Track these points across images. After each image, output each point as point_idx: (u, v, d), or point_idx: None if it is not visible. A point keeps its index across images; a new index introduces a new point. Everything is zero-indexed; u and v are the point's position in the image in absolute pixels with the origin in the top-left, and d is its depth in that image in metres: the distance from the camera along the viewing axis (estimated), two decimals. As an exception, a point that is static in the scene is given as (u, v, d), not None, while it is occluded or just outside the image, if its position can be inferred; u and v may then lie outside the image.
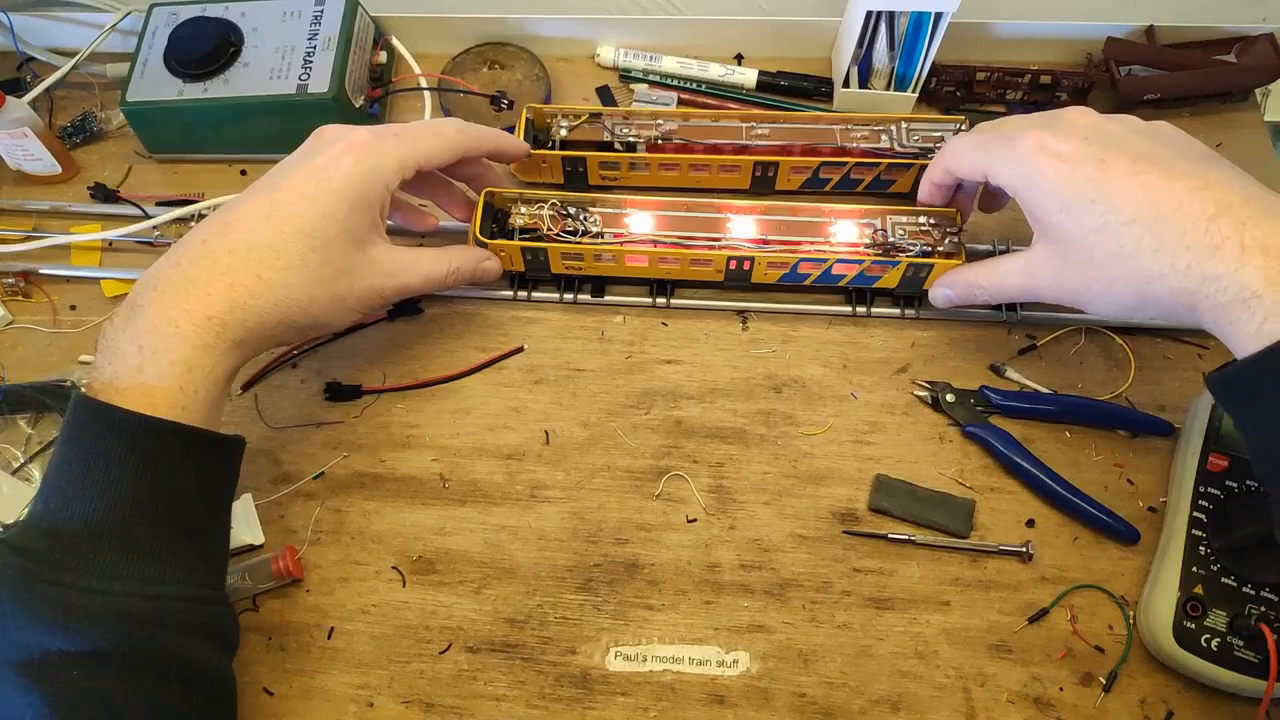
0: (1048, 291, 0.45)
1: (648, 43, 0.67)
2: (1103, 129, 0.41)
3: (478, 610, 0.49)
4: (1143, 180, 0.39)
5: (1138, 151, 0.40)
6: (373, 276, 0.47)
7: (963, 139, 0.48)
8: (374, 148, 0.46)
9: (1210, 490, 0.48)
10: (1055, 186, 0.41)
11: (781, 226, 0.54)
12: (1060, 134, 0.42)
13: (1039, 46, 0.66)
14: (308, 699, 0.47)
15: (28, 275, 0.59)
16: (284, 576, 0.49)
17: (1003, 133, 0.45)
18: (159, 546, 0.38)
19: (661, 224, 0.54)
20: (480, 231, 0.52)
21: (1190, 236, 0.37)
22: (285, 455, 0.53)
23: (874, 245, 0.53)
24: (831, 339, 0.57)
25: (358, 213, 0.45)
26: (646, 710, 0.47)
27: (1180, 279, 0.37)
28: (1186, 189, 0.37)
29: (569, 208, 0.54)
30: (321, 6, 0.61)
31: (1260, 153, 0.64)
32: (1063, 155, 0.41)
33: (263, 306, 0.42)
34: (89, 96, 0.66)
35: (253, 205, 0.44)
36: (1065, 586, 0.49)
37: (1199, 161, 0.39)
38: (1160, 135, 0.41)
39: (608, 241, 0.53)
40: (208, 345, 0.41)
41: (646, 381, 0.56)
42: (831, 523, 0.51)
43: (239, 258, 0.42)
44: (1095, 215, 0.40)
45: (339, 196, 0.44)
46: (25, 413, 0.54)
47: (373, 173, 0.45)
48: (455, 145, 0.49)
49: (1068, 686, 0.47)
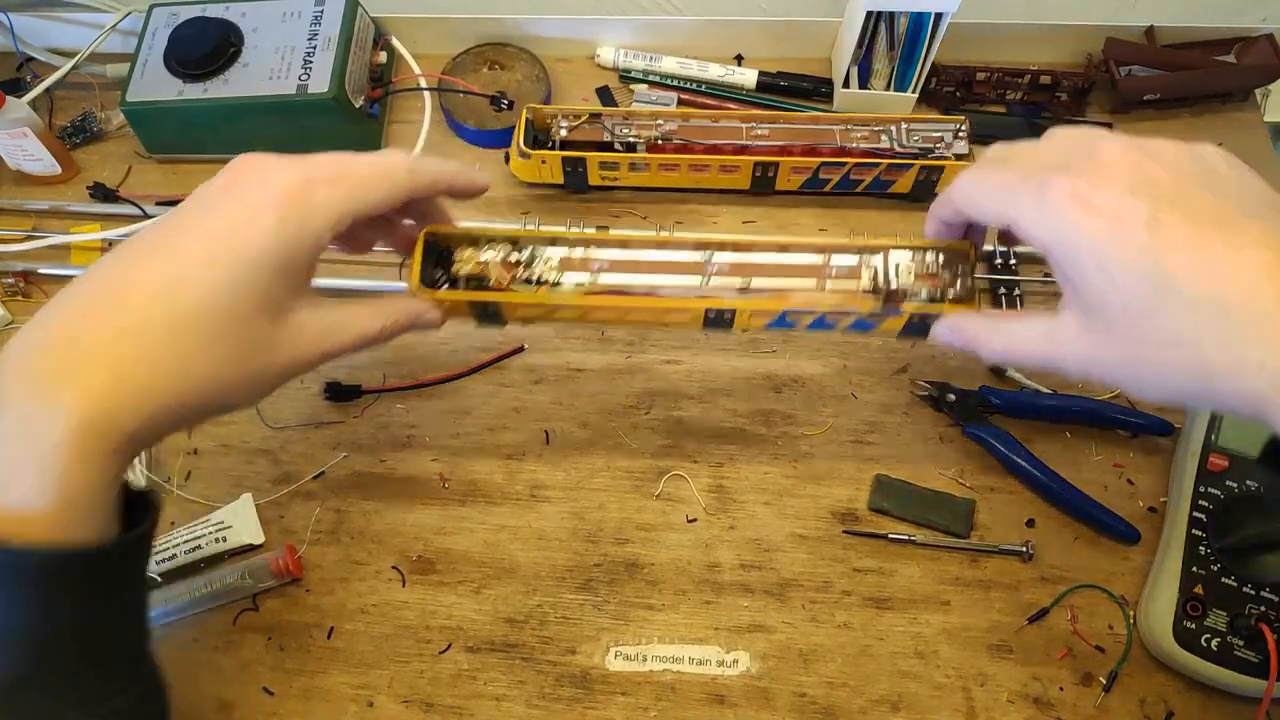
0: (1077, 367, 0.37)
1: (648, 43, 0.67)
2: (1149, 175, 0.34)
3: (478, 610, 0.49)
4: (1205, 253, 0.31)
5: (1195, 208, 0.32)
6: (296, 348, 0.38)
7: (978, 176, 0.39)
8: (303, 200, 0.36)
9: (1210, 490, 0.48)
10: (1097, 251, 0.33)
11: (768, 268, 0.45)
12: (1098, 182, 0.34)
13: (1039, 46, 0.66)
14: (307, 699, 0.47)
15: (27, 275, 0.59)
16: (284, 576, 0.49)
17: (1027, 174, 0.36)
18: (81, 674, 0.34)
19: (632, 266, 0.45)
20: (420, 280, 0.43)
21: (1265, 329, 0.30)
22: (285, 455, 0.53)
23: (874, 291, 0.44)
24: (831, 339, 0.57)
25: (279, 280, 0.36)
26: (646, 710, 0.47)
27: (1250, 379, 0.31)
28: (1259, 266, 0.31)
29: (522, 251, 0.45)
30: (321, 6, 0.61)
31: (1260, 153, 0.64)
32: (1104, 212, 0.33)
33: (157, 402, 0.34)
34: (89, 96, 0.66)
35: (149, 272, 0.35)
36: (1065, 586, 0.49)
37: (1265, 214, 0.33)
38: (1217, 178, 0.34)
39: (568, 292, 0.44)
40: (88, 455, 0.32)
41: (646, 381, 0.56)
42: (831, 523, 0.51)
43: (128, 342, 0.33)
44: (1147, 292, 0.32)
45: (256, 264, 0.35)
46: (25, 413, 0.54)
47: (300, 232, 0.36)
48: (402, 188, 0.40)
49: (1068, 686, 0.47)
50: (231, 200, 0.36)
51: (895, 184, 0.60)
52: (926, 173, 0.58)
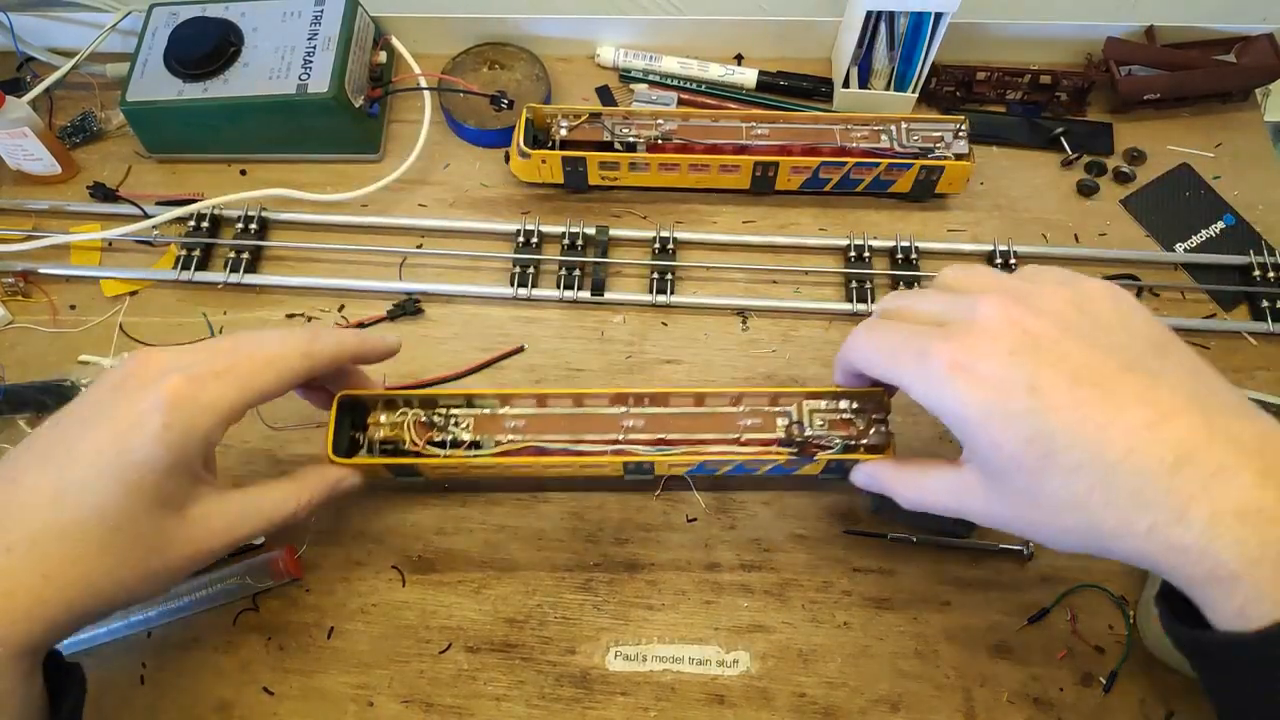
0: (985, 520, 0.36)
1: (648, 43, 0.67)
2: (1029, 333, 0.33)
3: (478, 610, 0.49)
4: (1085, 413, 0.31)
5: (1076, 366, 0.32)
6: (199, 541, 0.38)
7: (867, 337, 0.38)
8: (190, 400, 0.36)
9: (1210, 490, 0.48)
10: (982, 420, 0.33)
11: (685, 421, 0.46)
12: (978, 347, 0.33)
13: (1039, 46, 0.66)
14: (307, 699, 0.47)
15: (27, 275, 0.59)
16: (284, 576, 0.49)
17: (910, 339, 0.35)
18: None
19: (545, 424, 0.46)
20: (334, 448, 0.44)
21: (1149, 493, 0.30)
22: (285, 455, 0.53)
23: (789, 442, 0.44)
24: (831, 339, 0.57)
25: (172, 480, 0.36)
26: (646, 710, 0.47)
27: (1141, 542, 0.30)
28: (1139, 425, 0.30)
29: (436, 414, 0.46)
30: (321, 6, 0.61)
31: (1260, 153, 0.64)
32: (985, 381, 0.32)
33: (53, 612, 0.34)
34: (89, 96, 0.66)
35: (40, 481, 0.35)
36: (1065, 586, 0.49)
37: (1151, 367, 0.32)
38: (1100, 326, 0.33)
39: (485, 451, 0.45)
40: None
41: (646, 381, 0.55)
42: (831, 523, 0.51)
43: (19, 557, 0.33)
44: (1034, 457, 0.32)
45: (146, 466, 0.35)
46: (25, 413, 0.54)
47: (187, 435, 0.36)
48: (297, 373, 0.40)
49: (1068, 686, 0.47)
50: (120, 404, 0.36)
51: (895, 184, 0.60)
52: (926, 172, 0.58)
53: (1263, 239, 0.60)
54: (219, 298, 0.59)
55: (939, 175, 0.59)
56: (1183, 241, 0.61)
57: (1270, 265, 0.58)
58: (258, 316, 0.58)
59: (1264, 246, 0.59)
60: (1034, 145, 0.65)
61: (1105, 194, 0.63)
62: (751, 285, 0.59)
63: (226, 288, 0.58)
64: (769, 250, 0.61)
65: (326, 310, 0.58)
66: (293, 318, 0.58)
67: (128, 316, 0.58)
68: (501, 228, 0.60)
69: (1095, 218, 0.62)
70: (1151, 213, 0.62)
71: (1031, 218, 0.62)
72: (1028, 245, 0.59)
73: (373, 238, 0.61)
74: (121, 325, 0.57)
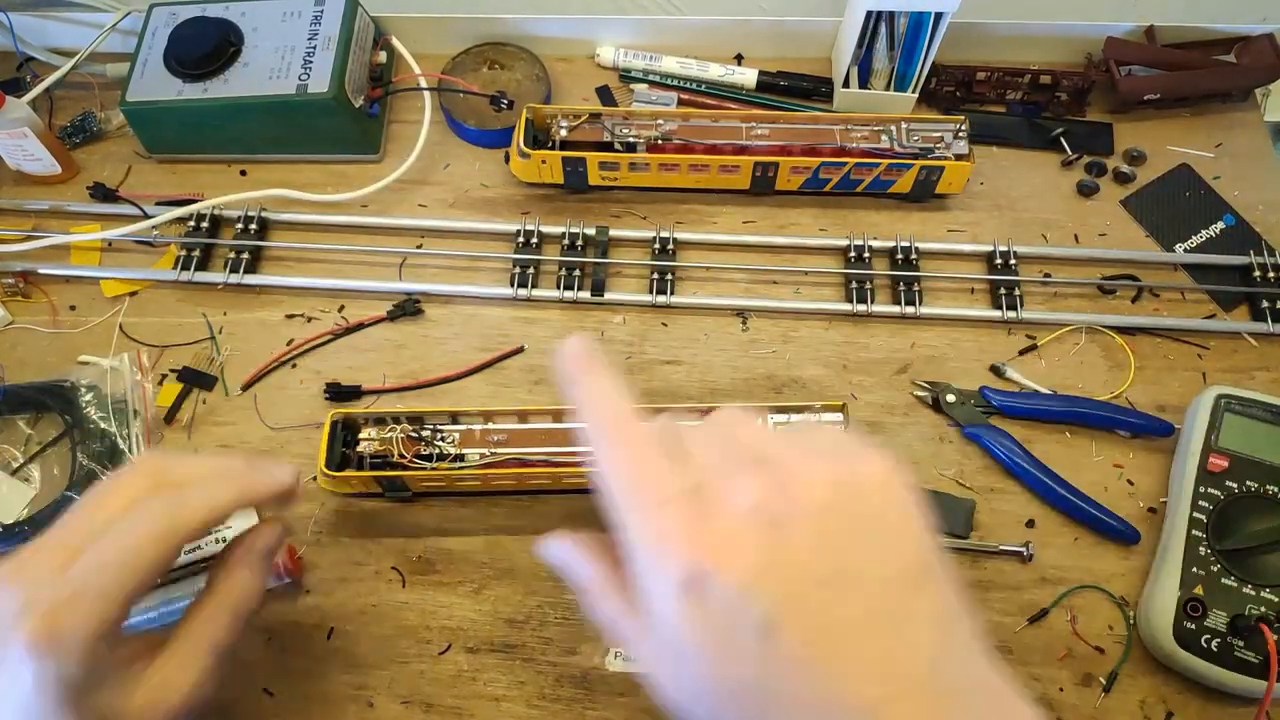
0: None
1: (648, 43, 0.67)
2: (780, 543, 0.27)
3: (478, 610, 0.49)
4: (809, 679, 0.26)
5: (817, 604, 0.27)
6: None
7: (613, 453, 0.33)
8: (54, 641, 0.32)
9: (1210, 490, 0.48)
10: (694, 652, 0.28)
11: None
12: (719, 552, 0.27)
13: (1039, 46, 0.66)
14: (307, 699, 0.47)
15: (27, 275, 0.59)
16: (284, 576, 0.49)
17: (654, 493, 0.30)
18: None
19: (525, 437, 0.49)
20: (327, 462, 0.47)
21: None
22: (285, 455, 0.53)
23: None
24: (831, 339, 0.57)
25: (70, 698, 0.33)
26: (647, 711, 0.47)
27: None
28: (860, 707, 0.26)
29: (423, 430, 0.49)
30: (321, 6, 0.61)
31: (1260, 153, 0.64)
32: (713, 615, 0.27)
33: None
34: (89, 96, 0.66)
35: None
36: (1065, 587, 0.49)
37: (897, 611, 0.27)
38: (860, 536, 0.28)
39: (469, 465, 0.48)
40: None
41: (646, 382, 0.55)
42: (831, 523, 0.51)
43: None
44: (737, 705, 0.28)
45: (34, 709, 0.32)
46: (25, 413, 0.54)
47: (62, 670, 0.32)
48: (163, 563, 0.35)
49: (1068, 687, 0.47)
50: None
51: (895, 184, 0.60)
52: (926, 173, 0.58)
53: (1263, 239, 0.60)
54: (219, 298, 0.59)
55: (939, 175, 0.59)
56: (1183, 242, 0.61)
57: (1270, 265, 0.58)
58: (257, 317, 0.58)
59: (1264, 247, 0.59)
60: (1034, 145, 0.65)
61: (1105, 194, 0.63)
62: (751, 285, 0.59)
63: (226, 288, 0.58)
64: (769, 250, 0.61)
65: (326, 310, 0.58)
66: (293, 318, 0.58)
67: (127, 317, 0.58)
68: (501, 228, 0.60)
69: (1095, 218, 0.62)
70: (1151, 213, 0.62)
71: (1031, 218, 0.62)
72: (1028, 245, 0.59)
73: (373, 238, 0.61)
74: (121, 325, 0.57)
